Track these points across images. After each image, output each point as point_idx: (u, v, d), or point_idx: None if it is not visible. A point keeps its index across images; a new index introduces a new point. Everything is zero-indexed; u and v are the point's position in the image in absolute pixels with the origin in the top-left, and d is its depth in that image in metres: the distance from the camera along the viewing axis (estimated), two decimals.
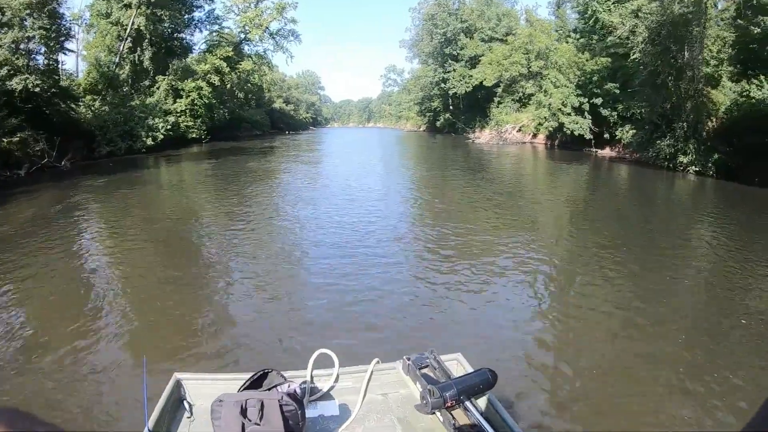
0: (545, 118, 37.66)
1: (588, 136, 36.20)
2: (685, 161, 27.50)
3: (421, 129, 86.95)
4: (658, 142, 28.52)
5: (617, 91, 34.23)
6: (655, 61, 26.99)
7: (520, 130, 44.99)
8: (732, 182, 25.38)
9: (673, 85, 27.30)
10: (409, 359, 3.21)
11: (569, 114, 36.40)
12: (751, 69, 26.57)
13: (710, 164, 26.76)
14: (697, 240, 13.70)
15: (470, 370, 3.16)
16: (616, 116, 35.22)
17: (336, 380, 3.19)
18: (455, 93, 58.75)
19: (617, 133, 35.44)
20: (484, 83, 46.30)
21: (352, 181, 22.34)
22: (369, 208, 15.62)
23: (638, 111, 33.46)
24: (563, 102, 36.57)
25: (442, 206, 17.12)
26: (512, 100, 47.42)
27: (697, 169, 27.25)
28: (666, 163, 28.48)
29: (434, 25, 60.54)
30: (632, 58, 28.21)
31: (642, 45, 27.12)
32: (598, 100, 35.28)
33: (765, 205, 20.57)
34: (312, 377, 3.14)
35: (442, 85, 60.89)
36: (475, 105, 57.48)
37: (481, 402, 2.98)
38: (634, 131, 33.05)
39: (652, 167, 29.30)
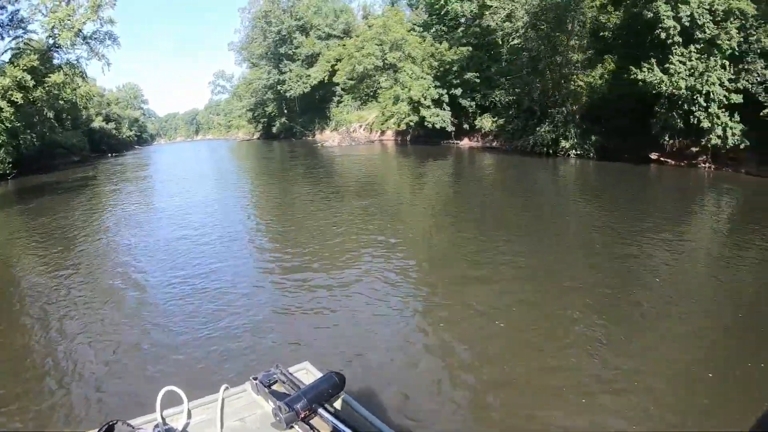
0: (406, 112, 35.58)
1: (450, 128, 35.17)
2: (567, 146, 27.41)
3: (254, 137, 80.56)
4: (538, 128, 28.08)
5: (477, 80, 33.55)
6: (539, 46, 26.32)
7: (366, 128, 42.82)
8: (608, 161, 26.22)
9: (551, 70, 27.02)
10: (256, 378, 3.24)
11: (429, 107, 34.91)
12: (606, 54, 27.31)
13: (589, 146, 27.04)
14: (574, 217, 15.31)
15: (319, 376, 3.21)
16: (474, 106, 34.64)
17: (189, 416, 3.06)
18: (291, 95, 54.59)
19: (477, 122, 34.92)
20: (333, 79, 43.46)
21: (187, 228, 15.84)
22: (215, 258, 11.99)
23: (498, 99, 33.28)
24: (423, 94, 34.98)
25: (298, 225, 15.22)
26: (353, 98, 45.28)
27: (578, 152, 27.33)
28: (545, 149, 28.14)
29: (268, 23, 55.65)
30: (512, 44, 27.25)
31: (522, 30, 26.24)
32: (458, 91, 34.36)
33: (634, 179, 23.11)
34: (163, 419, 3.00)
35: (278, 87, 56.09)
36: (313, 106, 54.26)
37: (339, 404, 3.13)
38: (504, 119, 32.75)
39: (529, 154, 28.95)
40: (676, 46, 22.28)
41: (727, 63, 21.90)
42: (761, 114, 22.26)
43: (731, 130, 22.08)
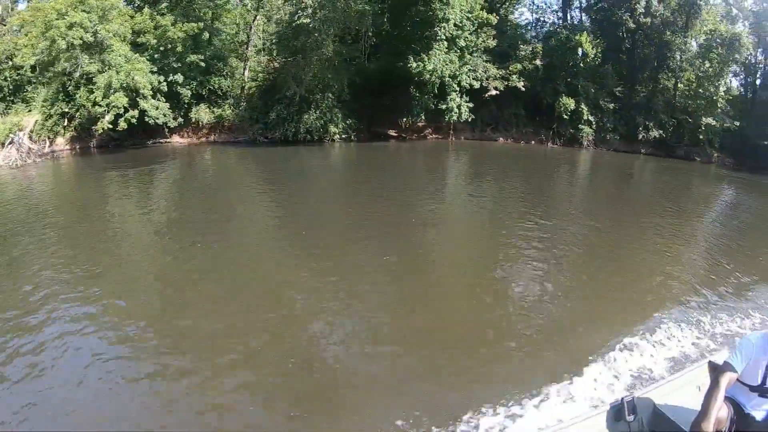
0: (124, 106, 27.57)
1: (172, 123, 29.87)
2: (336, 131, 28.56)
3: None
4: (306, 116, 27.95)
5: (203, 65, 29.90)
6: (327, 27, 25.97)
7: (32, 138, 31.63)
8: (363, 142, 29.54)
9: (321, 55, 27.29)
10: None
11: (147, 97, 28.50)
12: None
13: (350, 129, 29.22)
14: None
15: None
16: (189, 95, 30.71)
17: None
18: None
19: (192, 114, 30.75)
20: (17, 59, 29.36)
21: None
22: None
23: (217, 86, 31.05)
24: (145, 81, 28.14)
25: None
26: None
27: (344, 135, 29.03)
28: (311, 136, 28.36)
29: None
30: (299, 22, 25.72)
31: (311, 8, 25.36)
32: (179, 77, 29.53)
33: (392, 151, 28.96)
34: None
35: None
36: None
37: None
38: (223, 109, 30.77)
39: (289, 144, 28.22)
40: (439, 42, 26.70)
41: (468, 57, 27.86)
42: (484, 96, 29.50)
43: (464, 108, 28.37)
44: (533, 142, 32.45)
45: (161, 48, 29.47)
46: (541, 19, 37.12)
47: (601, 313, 8.99)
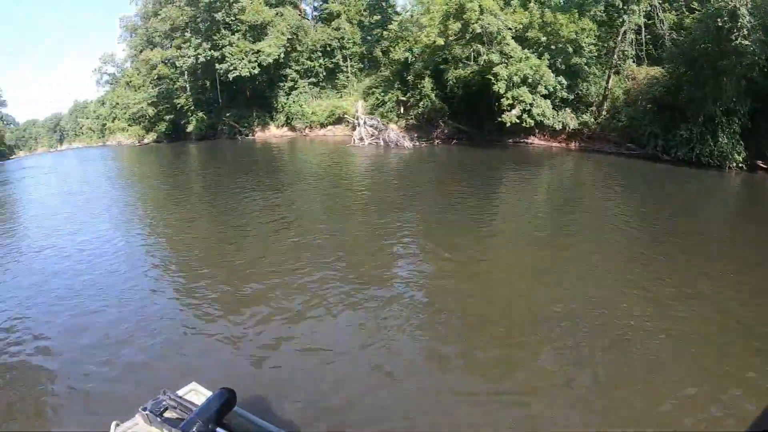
0: (530, 101, 27.04)
1: (558, 125, 29.07)
2: (740, 158, 25.86)
3: (145, 141, 53.18)
4: (717, 138, 25.72)
5: (587, 68, 28.81)
6: (761, 52, 23.93)
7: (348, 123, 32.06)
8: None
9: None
10: (145, 409, 3.20)
11: (540, 95, 27.57)
12: None
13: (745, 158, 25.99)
14: None
15: (209, 395, 3.24)
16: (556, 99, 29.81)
17: None
18: (234, 77, 34.88)
19: (559, 117, 29.69)
20: (412, 49, 30.36)
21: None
22: None
23: (585, 92, 29.77)
24: (553, 80, 27.55)
25: None
26: (310, 83, 33.77)
27: (743, 165, 26.19)
28: (711, 161, 25.97)
29: None
30: (736, 42, 23.73)
31: (746, 29, 23.40)
32: (562, 79, 28.52)
33: None
34: None
35: (217, 66, 34.93)
36: (247, 95, 37.80)
37: (235, 418, 3.12)
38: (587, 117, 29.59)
39: (684, 164, 26.06)
40: None
41: None
42: None
43: None
44: None
45: (552, 47, 28.40)
46: None
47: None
